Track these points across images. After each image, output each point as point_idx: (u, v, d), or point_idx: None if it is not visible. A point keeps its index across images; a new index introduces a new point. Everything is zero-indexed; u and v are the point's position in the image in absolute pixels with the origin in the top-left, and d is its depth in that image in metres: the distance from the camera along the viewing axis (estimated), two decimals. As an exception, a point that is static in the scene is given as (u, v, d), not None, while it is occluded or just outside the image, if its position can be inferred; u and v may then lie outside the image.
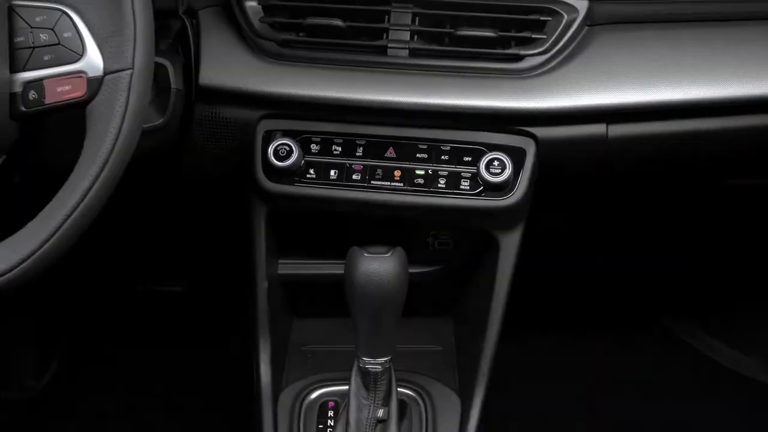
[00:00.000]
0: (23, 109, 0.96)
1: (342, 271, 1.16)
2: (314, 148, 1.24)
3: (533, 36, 1.20)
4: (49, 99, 0.96)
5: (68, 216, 0.93)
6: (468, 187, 1.21)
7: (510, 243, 1.27)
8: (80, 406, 1.86)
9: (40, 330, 1.92)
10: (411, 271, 1.17)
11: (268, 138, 1.24)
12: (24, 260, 0.93)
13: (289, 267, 1.38)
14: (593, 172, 1.26)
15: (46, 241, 0.93)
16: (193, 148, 1.28)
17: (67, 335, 1.95)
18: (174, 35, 1.22)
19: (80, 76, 0.95)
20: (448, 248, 1.39)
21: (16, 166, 1.08)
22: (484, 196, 1.21)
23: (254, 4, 1.23)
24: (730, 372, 1.90)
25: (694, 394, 1.86)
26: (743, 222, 1.62)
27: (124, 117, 0.94)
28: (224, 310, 1.84)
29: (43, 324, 1.92)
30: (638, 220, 1.58)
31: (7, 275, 0.93)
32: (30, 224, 0.95)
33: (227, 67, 1.23)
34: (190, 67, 1.23)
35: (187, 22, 1.23)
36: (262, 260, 1.31)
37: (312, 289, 1.41)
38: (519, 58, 1.20)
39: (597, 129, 1.22)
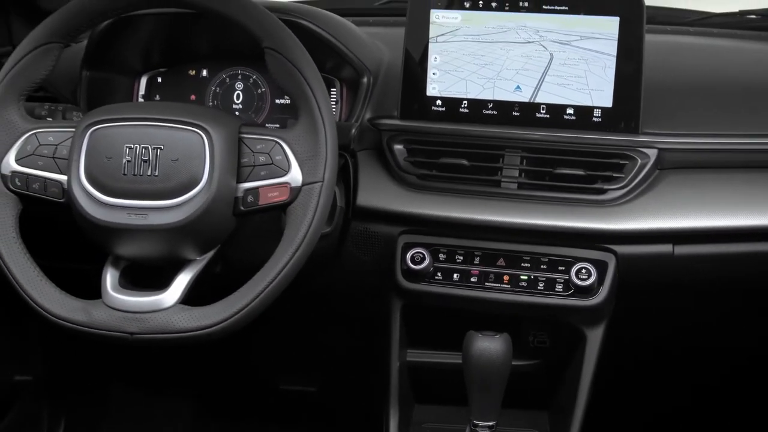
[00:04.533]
0: (242, 208, 1.32)
1: (459, 361, 1.47)
2: (441, 256, 1.55)
3: (614, 175, 1.51)
4: (262, 201, 1.31)
5: (270, 282, 1.27)
6: (561, 290, 1.50)
7: (595, 336, 1.54)
8: None
9: (195, 416, 2.24)
10: (513, 363, 1.47)
11: (406, 248, 1.56)
12: (237, 312, 1.27)
13: (415, 355, 1.67)
14: (664, 282, 1.54)
15: (255, 299, 1.27)
16: (347, 254, 1.61)
17: (216, 425, 2.26)
18: (339, 168, 1.60)
19: (285, 186, 1.30)
20: (545, 346, 1.66)
21: (222, 256, 1.42)
22: (574, 297, 1.50)
23: (401, 147, 1.57)
24: None
25: None
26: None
27: (314, 215, 1.29)
28: (355, 408, 2.11)
29: (196, 411, 2.24)
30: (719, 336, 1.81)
31: (224, 323, 1.27)
32: (242, 288, 1.29)
33: (378, 193, 1.58)
34: (350, 192, 1.58)
35: (348, 159, 1.59)
36: (396, 346, 1.61)
37: (433, 377, 1.71)
38: (603, 191, 1.51)
39: (665, 248, 1.51)
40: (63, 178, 1.34)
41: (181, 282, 1.32)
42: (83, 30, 1.42)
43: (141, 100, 1.74)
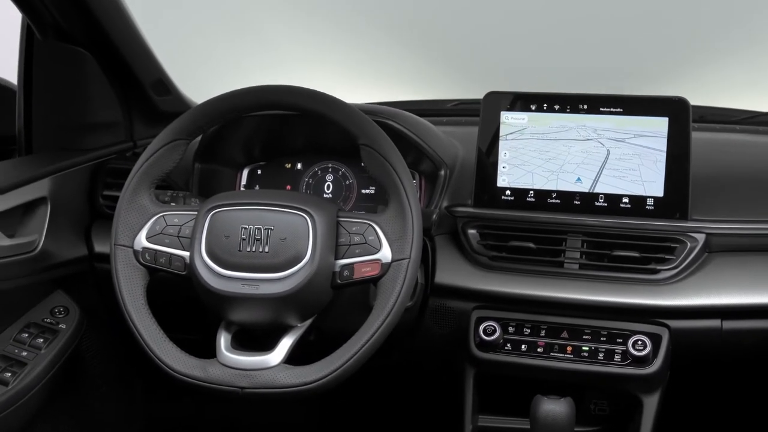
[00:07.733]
0: (339, 281, 1.50)
1: (527, 426, 1.62)
2: (511, 329, 1.71)
3: (666, 257, 1.66)
4: (356, 276, 1.49)
5: (363, 345, 1.44)
6: (619, 359, 1.65)
7: (651, 402, 1.67)
8: None
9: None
10: (576, 429, 1.61)
11: (479, 321, 1.72)
12: (334, 371, 1.44)
13: (486, 421, 1.81)
14: (714, 353, 1.67)
15: (349, 359, 1.44)
16: (424, 327, 1.78)
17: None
18: None
19: (377, 262, 1.48)
20: (605, 414, 1.79)
21: (315, 326, 1.58)
22: (631, 366, 1.64)
23: (474, 232, 1.75)
24: None
25: None
26: None
27: (402, 287, 1.46)
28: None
29: None
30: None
31: (322, 380, 1.44)
32: (338, 350, 1.45)
33: (454, 272, 1.75)
34: (428, 271, 1.76)
35: (428, 242, 1.77)
36: (469, 411, 1.76)
37: None
38: (656, 271, 1.66)
39: (714, 323, 1.65)
40: (186, 253, 1.55)
41: (285, 344, 1.50)
42: (205, 129, 1.65)
43: (243, 189, 1.96)
